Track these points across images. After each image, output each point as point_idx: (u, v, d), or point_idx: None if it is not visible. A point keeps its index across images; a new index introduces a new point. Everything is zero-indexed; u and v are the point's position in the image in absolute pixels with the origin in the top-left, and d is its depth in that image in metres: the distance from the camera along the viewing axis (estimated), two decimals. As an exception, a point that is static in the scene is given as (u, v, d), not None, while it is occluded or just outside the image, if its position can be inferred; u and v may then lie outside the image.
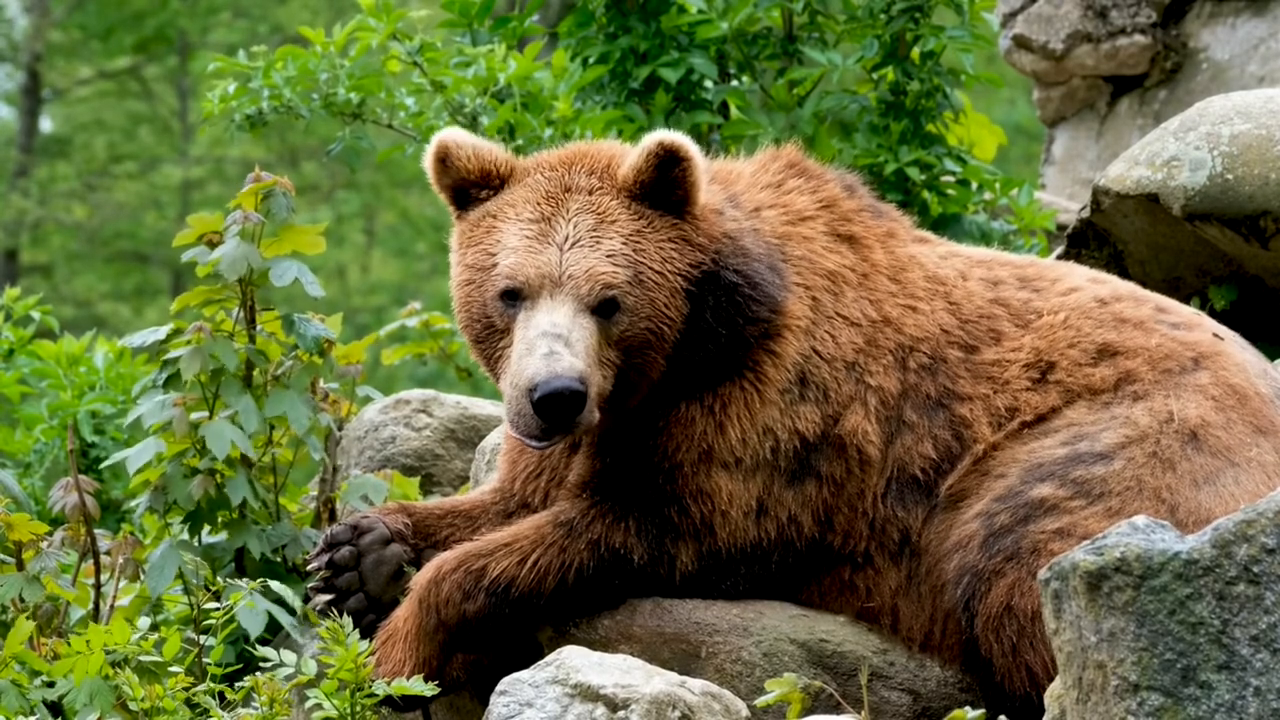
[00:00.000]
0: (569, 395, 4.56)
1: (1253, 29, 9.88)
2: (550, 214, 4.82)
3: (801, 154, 5.23)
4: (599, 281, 4.73)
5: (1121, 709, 3.39)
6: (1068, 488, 4.64)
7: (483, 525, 5.10)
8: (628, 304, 4.76)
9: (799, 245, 5.03)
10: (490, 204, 4.91)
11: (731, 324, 4.86)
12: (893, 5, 7.38)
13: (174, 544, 5.48)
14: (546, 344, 4.63)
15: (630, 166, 4.86)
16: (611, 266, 4.75)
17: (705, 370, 4.87)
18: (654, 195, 4.86)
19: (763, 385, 4.87)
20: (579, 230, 4.79)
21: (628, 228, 4.82)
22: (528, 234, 4.80)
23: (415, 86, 8.01)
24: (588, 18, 7.57)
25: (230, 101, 8.01)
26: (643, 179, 4.85)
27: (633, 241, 4.80)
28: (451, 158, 4.93)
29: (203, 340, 5.52)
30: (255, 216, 5.54)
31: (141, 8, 24.34)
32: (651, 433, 4.86)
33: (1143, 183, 6.09)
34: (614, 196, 4.86)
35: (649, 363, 4.81)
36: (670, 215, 4.86)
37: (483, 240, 4.87)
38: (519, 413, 4.63)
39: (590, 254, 4.76)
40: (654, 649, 4.76)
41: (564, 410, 4.58)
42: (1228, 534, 3.42)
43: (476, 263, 4.86)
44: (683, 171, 4.84)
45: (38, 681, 4.76)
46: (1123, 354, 4.86)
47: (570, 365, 4.60)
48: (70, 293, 23.94)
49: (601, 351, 4.72)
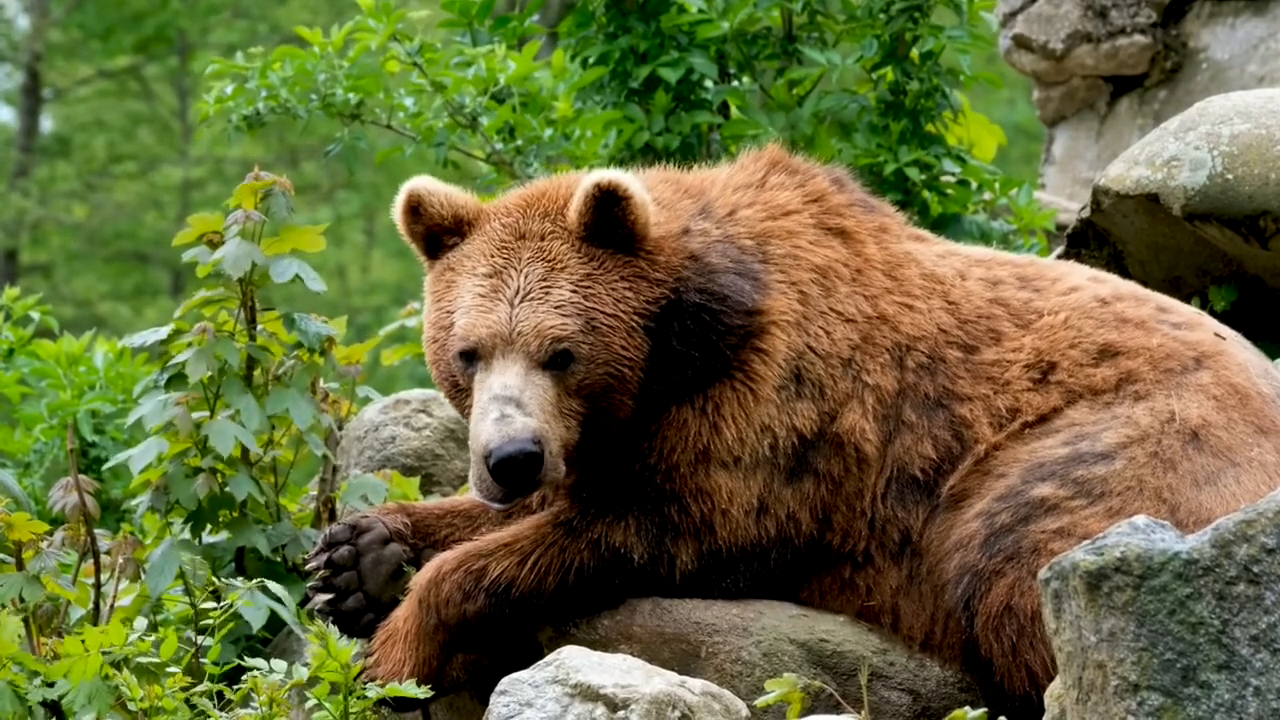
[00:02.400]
0: (522, 459, 4.59)
1: (1253, 29, 9.88)
2: (502, 266, 4.82)
3: (785, 151, 5.21)
4: (548, 336, 4.73)
5: (1121, 709, 3.39)
6: (1068, 487, 4.64)
7: (482, 525, 5.10)
8: (581, 353, 4.75)
9: (781, 241, 5.01)
10: (451, 256, 4.93)
11: (704, 343, 4.84)
12: (892, 5, 7.38)
13: (175, 544, 5.48)
14: (497, 408, 4.64)
15: (574, 210, 4.85)
16: (560, 319, 4.74)
17: (690, 378, 4.87)
18: (601, 235, 4.84)
19: (755, 383, 4.86)
20: (529, 281, 4.79)
21: (577, 273, 4.81)
22: (479, 291, 4.81)
23: (414, 87, 8.00)
24: (587, 18, 7.57)
25: (227, 102, 8.01)
26: (585, 221, 4.84)
27: (583, 288, 4.79)
28: (425, 205, 4.95)
29: (207, 342, 5.53)
30: (256, 216, 5.54)
31: (141, 8, 24.34)
32: (644, 436, 4.86)
33: (1143, 182, 6.09)
34: (565, 240, 4.85)
35: (615, 405, 4.81)
36: (622, 253, 4.85)
37: (443, 297, 4.90)
38: (479, 477, 4.68)
39: (539, 307, 4.75)
40: (654, 649, 4.76)
41: (520, 473, 4.61)
42: (1228, 534, 3.42)
43: (438, 321, 4.90)
44: (623, 210, 4.81)
45: (37, 682, 4.76)
46: (1124, 354, 4.86)
47: (523, 426, 4.62)
48: (70, 293, 23.95)
49: (561, 403, 4.73)
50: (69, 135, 25.07)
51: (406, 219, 4.98)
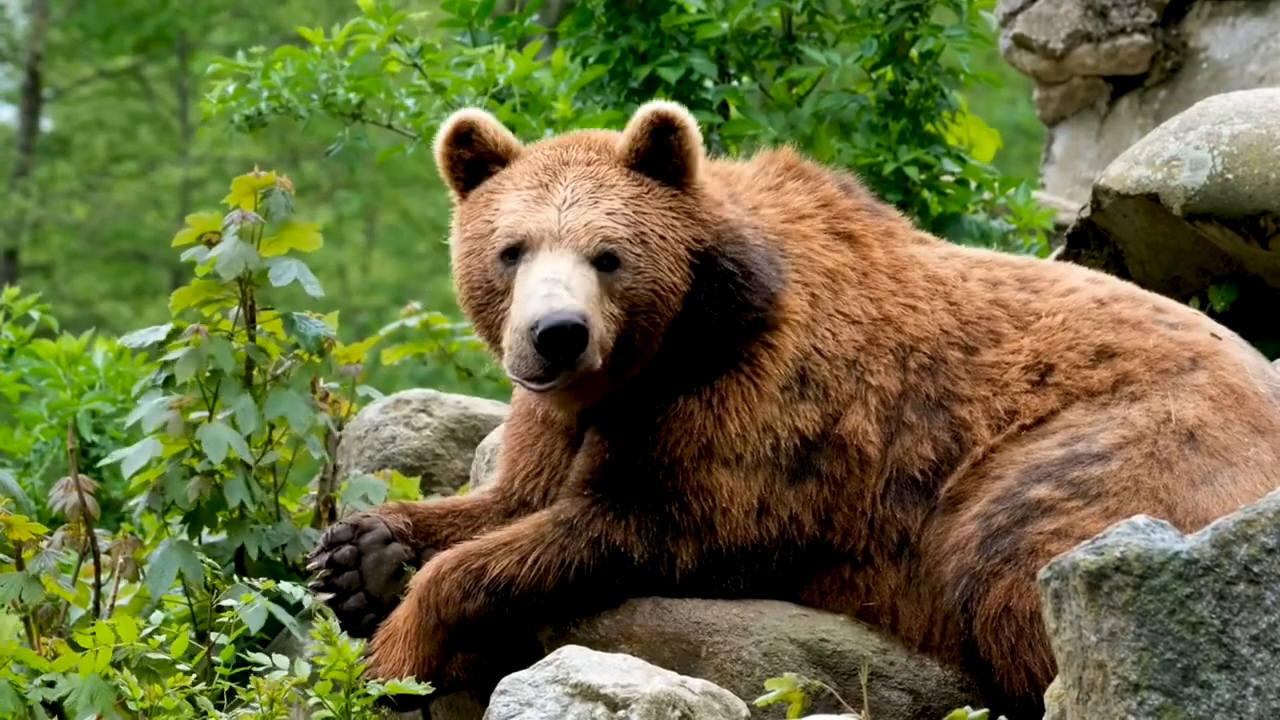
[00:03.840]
0: (571, 329, 4.58)
1: (1253, 29, 9.88)
2: (548, 181, 4.88)
3: (798, 156, 5.26)
4: (598, 235, 4.76)
5: (1121, 709, 3.39)
6: (1065, 489, 4.64)
7: (483, 525, 5.10)
8: (629, 260, 4.78)
9: (798, 243, 5.05)
10: (491, 181, 4.97)
11: (725, 309, 4.87)
12: (891, 5, 7.38)
13: (173, 544, 5.48)
14: (545, 287, 4.65)
15: (626, 136, 4.92)
16: (611, 222, 4.79)
17: (701, 362, 4.88)
18: (651, 164, 4.90)
19: (760, 380, 4.87)
20: (577, 193, 4.84)
21: (627, 192, 4.86)
22: (525, 198, 4.86)
23: (415, 87, 8.01)
24: (587, 17, 7.57)
25: (229, 102, 8.01)
26: (639, 147, 4.89)
27: (633, 204, 4.84)
28: (479, 130, 4.97)
29: (200, 342, 5.52)
30: (254, 216, 5.53)
31: (141, 8, 24.33)
32: (649, 429, 4.86)
33: (1143, 182, 6.09)
34: (612, 165, 4.91)
35: (651, 327, 4.81)
36: (669, 185, 4.90)
37: (482, 212, 4.92)
38: (520, 355, 4.65)
39: (589, 210, 4.80)
40: (654, 648, 4.76)
41: (566, 344, 4.59)
42: (1228, 533, 3.42)
43: (476, 232, 4.91)
44: (678, 139, 4.88)
45: (37, 682, 4.76)
46: (1120, 355, 4.86)
47: (570, 303, 4.62)
48: (70, 292, 23.94)
49: (603, 304, 4.74)
50: (69, 135, 25.07)
51: (452, 147, 5.00)
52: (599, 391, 4.85)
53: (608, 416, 4.92)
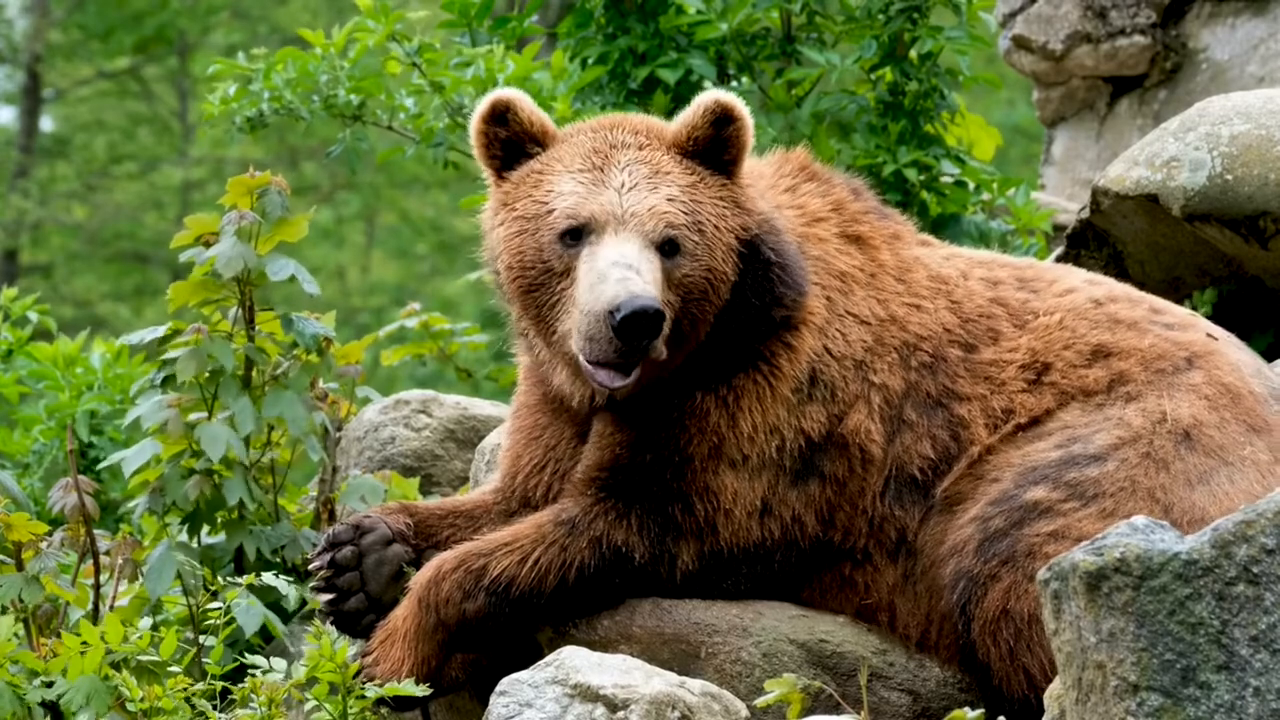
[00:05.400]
0: (651, 314, 4.56)
1: (1253, 29, 9.88)
2: (602, 164, 4.86)
3: (810, 158, 5.27)
4: (662, 220, 4.77)
5: (1121, 709, 3.39)
6: (1061, 490, 4.64)
7: (484, 525, 5.10)
8: (688, 247, 4.78)
9: (815, 246, 5.07)
10: (535, 162, 4.93)
11: (766, 299, 4.88)
12: (891, 6, 7.38)
13: (172, 545, 5.48)
14: (619, 271, 4.64)
15: (683, 123, 4.90)
16: (672, 208, 4.79)
17: (722, 357, 4.87)
18: (704, 153, 4.91)
19: (775, 380, 4.88)
20: (635, 177, 4.83)
21: (682, 179, 4.86)
22: (582, 180, 4.83)
23: (415, 88, 8.01)
24: (587, 18, 7.57)
25: (231, 104, 8.02)
26: (696, 135, 4.89)
27: (688, 191, 4.85)
28: (516, 109, 4.94)
29: (201, 341, 5.52)
30: (251, 216, 5.53)
31: (141, 8, 24.33)
32: (665, 423, 4.86)
33: (1142, 183, 6.09)
34: (664, 152, 4.90)
35: (701, 315, 4.82)
36: (720, 175, 4.91)
37: (532, 192, 4.88)
38: (593, 338, 4.62)
39: (650, 195, 4.79)
40: (653, 649, 4.76)
41: (644, 330, 4.57)
42: (1227, 534, 3.42)
43: (528, 211, 4.86)
44: (736, 131, 4.89)
45: (36, 682, 4.76)
46: (1116, 355, 4.86)
47: (646, 288, 4.61)
48: (70, 293, 23.93)
49: (664, 291, 4.73)
50: (69, 136, 25.06)
51: (489, 124, 4.96)
52: (637, 382, 4.83)
53: (622, 406, 4.91)
